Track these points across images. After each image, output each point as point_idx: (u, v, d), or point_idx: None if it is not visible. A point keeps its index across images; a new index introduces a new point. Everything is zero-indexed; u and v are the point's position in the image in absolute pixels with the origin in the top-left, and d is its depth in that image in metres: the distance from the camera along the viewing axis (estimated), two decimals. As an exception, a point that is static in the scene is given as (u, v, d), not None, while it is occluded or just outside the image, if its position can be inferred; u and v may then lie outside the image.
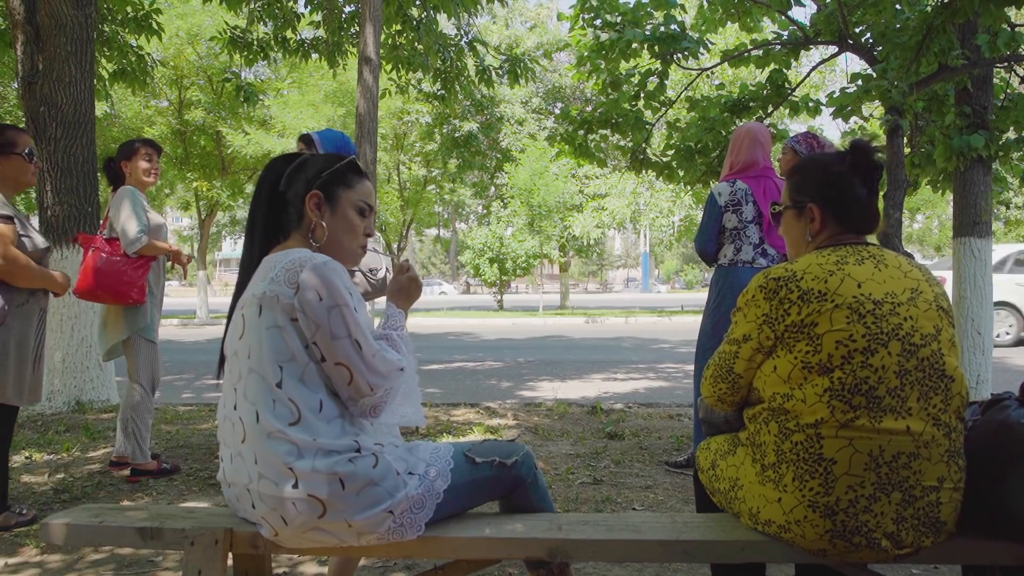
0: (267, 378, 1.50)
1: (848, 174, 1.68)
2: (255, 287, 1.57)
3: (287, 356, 1.50)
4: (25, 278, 2.69)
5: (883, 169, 1.70)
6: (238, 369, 1.56)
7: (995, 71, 5.67)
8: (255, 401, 1.50)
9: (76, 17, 5.14)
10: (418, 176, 22.15)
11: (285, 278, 1.51)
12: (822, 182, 1.71)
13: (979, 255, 5.47)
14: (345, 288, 1.53)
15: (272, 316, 1.51)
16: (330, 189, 1.67)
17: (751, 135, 3.55)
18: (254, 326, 1.53)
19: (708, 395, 1.77)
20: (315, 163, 1.71)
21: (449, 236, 40.50)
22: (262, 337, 1.51)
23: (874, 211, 1.70)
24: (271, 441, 1.47)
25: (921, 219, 32.38)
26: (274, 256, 1.60)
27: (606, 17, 6.01)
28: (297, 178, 1.69)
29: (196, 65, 15.59)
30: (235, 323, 1.61)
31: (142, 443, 3.54)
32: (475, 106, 20.09)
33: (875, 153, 1.67)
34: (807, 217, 1.72)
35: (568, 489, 3.42)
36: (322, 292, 1.50)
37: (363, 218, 1.72)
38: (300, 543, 1.54)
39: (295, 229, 1.68)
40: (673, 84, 11.63)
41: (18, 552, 2.68)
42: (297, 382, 1.50)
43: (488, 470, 1.69)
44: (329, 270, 1.52)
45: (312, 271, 1.51)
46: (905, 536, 1.48)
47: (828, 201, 1.69)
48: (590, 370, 8.60)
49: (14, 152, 2.72)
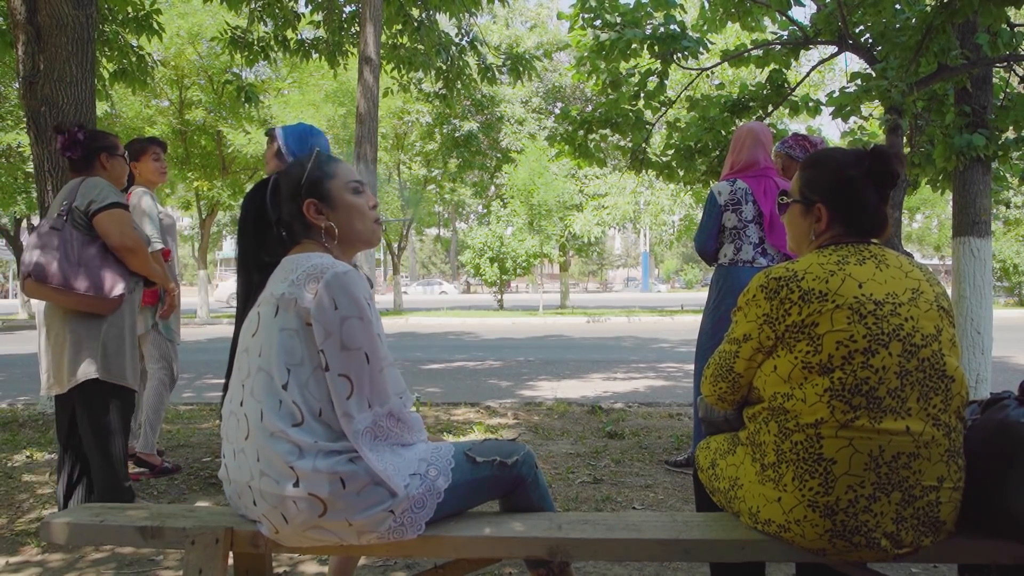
0: (274, 378, 1.51)
1: (863, 180, 1.64)
2: (275, 287, 1.58)
3: (296, 359, 1.51)
4: (142, 260, 2.82)
5: (899, 179, 1.66)
6: (247, 365, 1.58)
7: (994, 71, 5.67)
8: (260, 399, 1.51)
9: (77, 17, 5.14)
10: (418, 176, 22.15)
11: (305, 282, 1.52)
12: (835, 183, 1.67)
13: (978, 254, 5.47)
14: (363, 299, 1.54)
15: (287, 318, 1.52)
16: (318, 189, 1.66)
17: (753, 134, 3.55)
18: (268, 325, 1.55)
19: (708, 394, 1.77)
20: (289, 176, 1.70)
21: (449, 236, 40.49)
22: (274, 337, 1.52)
23: (882, 218, 1.66)
24: (273, 440, 1.48)
25: (921, 218, 32.39)
26: (295, 257, 1.61)
27: (606, 17, 6.00)
28: (280, 199, 1.70)
29: (197, 65, 15.58)
30: (250, 319, 1.63)
31: (151, 435, 3.67)
32: (475, 106, 20.11)
33: (895, 162, 1.63)
34: (814, 216, 1.69)
35: (568, 488, 3.42)
36: (339, 301, 1.51)
37: (361, 195, 1.71)
38: (300, 541, 1.54)
39: (308, 238, 1.68)
40: (673, 84, 11.63)
41: (19, 551, 2.69)
42: (302, 387, 1.50)
43: (489, 469, 1.70)
44: (348, 280, 1.53)
45: (332, 279, 1.51)
46: (905, 536, 1.48)
47: (838, 204, 1.66)
48: (590, 369, 8.60)
49: (118, 154, 2.94)
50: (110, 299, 2.69)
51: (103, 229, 2.70)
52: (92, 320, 2.71)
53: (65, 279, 2.62)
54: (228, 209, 18.63)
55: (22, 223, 20.47)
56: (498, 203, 23.21)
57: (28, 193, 16.55)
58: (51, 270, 2.61)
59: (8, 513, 3.12)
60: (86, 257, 2.67)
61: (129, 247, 2.74)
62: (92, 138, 2.86)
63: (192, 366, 9.07)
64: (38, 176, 5.24)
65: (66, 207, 2.70)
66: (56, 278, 2.61)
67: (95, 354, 2.69)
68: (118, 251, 2.73)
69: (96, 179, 2.78)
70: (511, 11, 25.52)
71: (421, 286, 44.60)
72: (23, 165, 16.08)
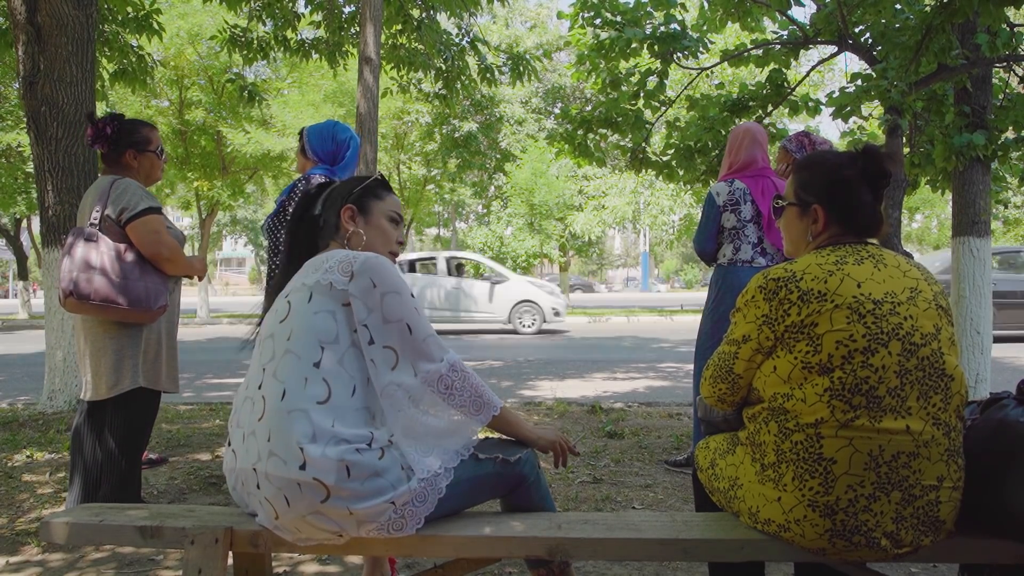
0: (304, 357, 1.55)
1: (857, 180, 1.66)
2: (306, 277, 1.66)
3: (331, 338, 1.57)
4: (179, 265, 2.79)
5: (891, 177, 1.67)
6: (272, 349, 1.61)
7: (994, 71, 5.67)
8: (284, 379, 1.54)
9: (77, 17, 5.14)
10: (418, 176, 22.15)
11: (339, 268, 1.62)
12: (830, 184, 1.69)
13: (978, 254, 5.47)
14: (398, 276, 1.64)
15: (322, 301, 1.60)
16: (363, 202, 1.83)
17: (750, 134, 3.55)
18: (301, 311, 1.61)
19: (708, 395, 1.77)
20: (346, 184, 1.88)
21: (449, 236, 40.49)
22: (308, 320, 1.59)
23: (878, 217, 1.68)
24: (291, 418, 1.50)
25: (920, 218, 32.40)
26: (323, 255, 1.71)
27: (606, 16, 6.01)
28: (331, 201, 1.85)
29: (197, 65, 15.57)
30: (276, 309, 1.68)
31: None
32: (475, 106, 20.11)
33: (886, 160, 1.65)
34: (811, 217, 1.71)
35: (568, 488, 3.42)
36: (376, 280, 1.60)
37: (394, 226, 1.87)
38: (300, 528, 1.54)
39: (332, 240, 1.81)
40: (673, 83, 11.63)
41: (19, 551, 2.69)
42: (336, 363, 1.56)
43: (491, 466, 1.70)
44: (381, 262, 1.64)
45: (366, 261, 1.62)
46: (904, 535, 1.48)
47: (834, 205, 1.68)
48: (590, 369, 8.61)
49: (148, 149, 2.85)
50: (153, 311, 2.69)
51: (137, 238, 2.66)
52: (134, 329, 2.69)
53: (107, 296, 2.57)
54: (228, 209, 18.63)
55: (22, 223, 20.48)
56: (498, 203, 23.23)
57: (28, 193, 16.55)
58: (92, 287, 2.56)
59: (8, 513, 3.13)
60: (125, 270, 2.62)
61: (166, 256, 2.71)
62: (120, 132, 2.78)
63: (192, 366, 9.07)
64: (38, 176, 5.25)
65: (98, 215, 2.65)
66: (98, 295, 2.56)
67: (137, 362, 2.68)
68: (154, 260, 2.70)
69: (127, 182, 2.71)
70: (511, 11, 25.55)
71: (421, 286, 44.57)
72: (23, 165, 16.09)
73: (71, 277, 2.56)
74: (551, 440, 1.81)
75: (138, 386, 2.68)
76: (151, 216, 2.68)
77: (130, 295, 2.62)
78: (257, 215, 42.96)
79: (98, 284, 2.57)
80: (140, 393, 2.71)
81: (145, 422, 2.79)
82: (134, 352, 2.69)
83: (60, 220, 5.17)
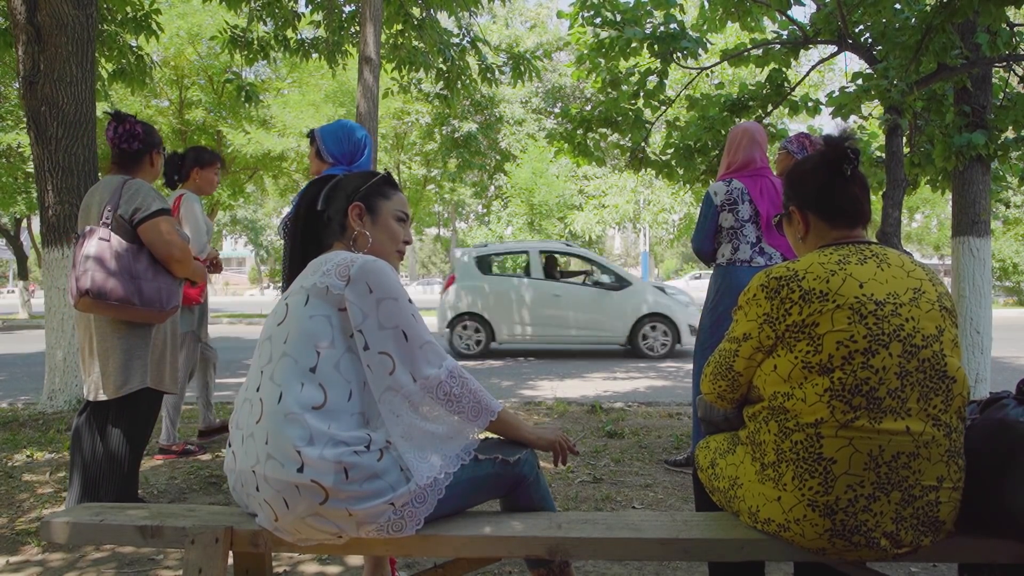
0: (300, 361, 1.55)
1: (817, 168, 1.69)
2: (304, 280, 1.65)
3: (327, 342, 1.56)
4: (186, 268, 2.83)
5: (855, 155, 1.66)
6: (270, 352, 1.61)
7: (994, 70, 5.67)
8: (281, 383, 1.54)
9: (77, 17, 5.14)
10: (418, 176, 22.14)
11: (336, 272, 1.60)
12: (796, 182, 1.74)
13: (978, 254, 5.47)
14: (395, 282, 1.62)
15: (319, 305, 1.59)
16: (370, 201, 1.80)
17: (749, 134, 3.55)
18: (298, 314, 1.60)
19: (708, 392, 1.77)
20: (352, 180, 1.84)
21: (449, 235, 40.48)
22: (304, 324, 1.58)
23: (857, 203, 1.67)
24: (287, 422, 1.50)
25: (920, 218, 32.40)
26: (324, 256, 1.69)
27: (606, 15, 6.01)
28: (336, 196, 1.81)
29: (196, 65, 15.58)
30: (275, 311, 1.68)
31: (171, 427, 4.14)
32: (474, 106, 20.11)
33: (842, 143, 1.66)
34: (795, 222, 1.76)
35: (568, 488, 3.42)
36: (372, 284, 1.59)
37: (401, 224, 1.85)
38: (300, 530, 1.54)
39: (337, 240, 1.79)
40: (673, 83, 11.63)
41: (20, 550, 2.69)
42: (332, 368, 1.55)
43: (491, 467, 1.70)
44: (379, 267, 1.62)
45: (363, 265, 1.60)
46: (904, 535, 1.48)
47: (803, 200, 1.72)
48: (590, 369, 8.60)
49: (161, 151, 2.97)
50: (166, 311, 2.73)
51: (148, 239, 2.69)
52: (143, 329, 2.72)
53: (123, 296, 2.61)
54: (228, 209, 18.64)
55: (22, 223, 20.46)
56: (498, 203, 23.22)
57: (28, 193, 16.55)
58: (108, 287, 2.59)
59: (8, 512, 3.13)
60: (139, 270, 2.66)
61: (176, 258, 2.74)
62: (149, 132, 2.83)
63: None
64: (38, 176, 5.25)
65: (110, 214, 2.67)
66: (114, 295, 2.59)
67: (145, 362, 2.70)
68: (164, 261, 2.73)
69: (138, 183, 2.74)
70: (511, 11, 25.55)
71: (421, 285, 44.63)
72: (23, 165, 16.08)
73: (87, 277, 2.58)
74: (551, 440, 1.81)
75: (145, 386, 2.70)
76: (163, 217, 2.71)
77: (144, 295, 2.65)
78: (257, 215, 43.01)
79: (114, 284, 2.60)
80: (146, 393, 2.72)
81: (148, 422, 2.80)
82: (142, 352, 2.70)
83: (60, 220, 5.17)
